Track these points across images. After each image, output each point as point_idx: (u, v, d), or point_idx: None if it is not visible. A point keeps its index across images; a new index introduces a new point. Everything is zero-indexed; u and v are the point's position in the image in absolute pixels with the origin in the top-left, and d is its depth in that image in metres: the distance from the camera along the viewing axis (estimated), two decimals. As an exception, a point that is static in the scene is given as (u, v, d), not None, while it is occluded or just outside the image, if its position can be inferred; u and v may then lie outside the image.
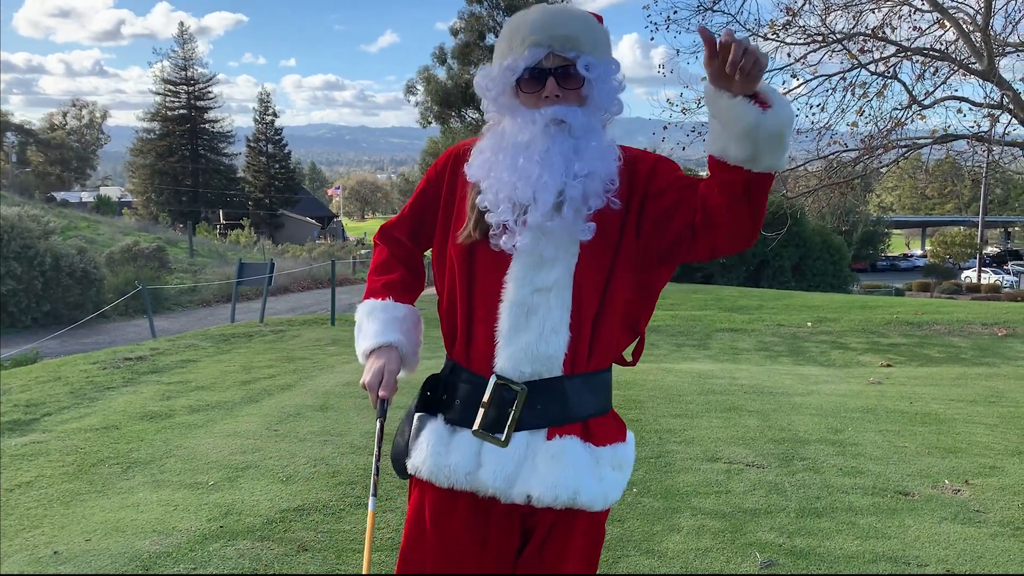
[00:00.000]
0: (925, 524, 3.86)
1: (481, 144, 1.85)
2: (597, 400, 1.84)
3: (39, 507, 4.13)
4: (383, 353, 1.87)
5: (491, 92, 1.81)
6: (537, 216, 1.71)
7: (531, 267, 1.75)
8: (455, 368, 1.87)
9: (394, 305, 1.94)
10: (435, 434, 1.84)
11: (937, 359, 10.35)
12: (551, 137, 1.75)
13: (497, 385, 1.77)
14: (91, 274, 22.75)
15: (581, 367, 1.79)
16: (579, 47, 1.75)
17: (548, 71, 1.75)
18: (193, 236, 37.58)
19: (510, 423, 1.75)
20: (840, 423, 5.77)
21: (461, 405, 1.82)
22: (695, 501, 4.14)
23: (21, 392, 7.11)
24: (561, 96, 1.76)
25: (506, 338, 1.76)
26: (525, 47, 1.75)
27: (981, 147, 11.04)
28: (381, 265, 2.02)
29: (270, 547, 3.56)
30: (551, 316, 1.75)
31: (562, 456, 1.76)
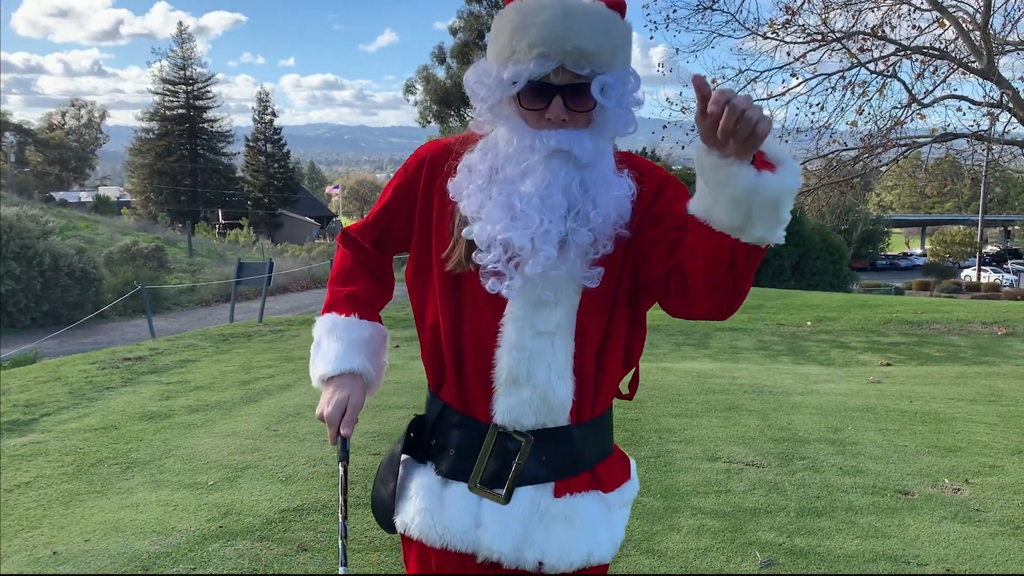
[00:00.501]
0: (925, 523, 3.85)
1: (471, 160, 1.58)
2: (603, 443, 1.67)
3: (38, 507, 4.13)
4: (346, 383, 1.65)
5: (486, 100, 1.54)
6: (535, 267, 1.48)
7: (531, 308, 1.54)
8: (445, 410, 1.64)
9: (358, 323, 1.71)
10: (425, 487, 1.62)
11: (937, 358, 10.35)
12: (553, 171, 1.50)
13: (499, 435, 1.57)
14: (90, 274, 22.75)
15: (587, 414, 1.60)
16: (595, 62, 1.47)
17: (556, 88, 1.48)
18: (192, 236, 37.59)
19: (512, 477, 1.55)
20: (840, 422, 5.77)
21: (455, 455, 1.60)
22: (695, 501, 4.13)
23: (20, 392, 7.10)
24: (568, 120, 1.50)
25: (506, 387, 1.55)
26: (531, 56, 1.46)
27: (981, 146, 11.05)
28: (344, 272, 1.79)
29: (269, 547, 3.55)
30: (556, 362, 1.55)
31: (575, 517, 1.57)
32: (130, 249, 27.62)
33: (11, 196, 37.40)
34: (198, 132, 59.88)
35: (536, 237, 1.48)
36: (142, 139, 59.64)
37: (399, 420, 5.52)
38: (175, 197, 57.76)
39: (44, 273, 21.44)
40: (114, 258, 26.61)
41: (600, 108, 1.51)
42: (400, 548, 3.64)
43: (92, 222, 36.60)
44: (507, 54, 1.50)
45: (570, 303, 1.55)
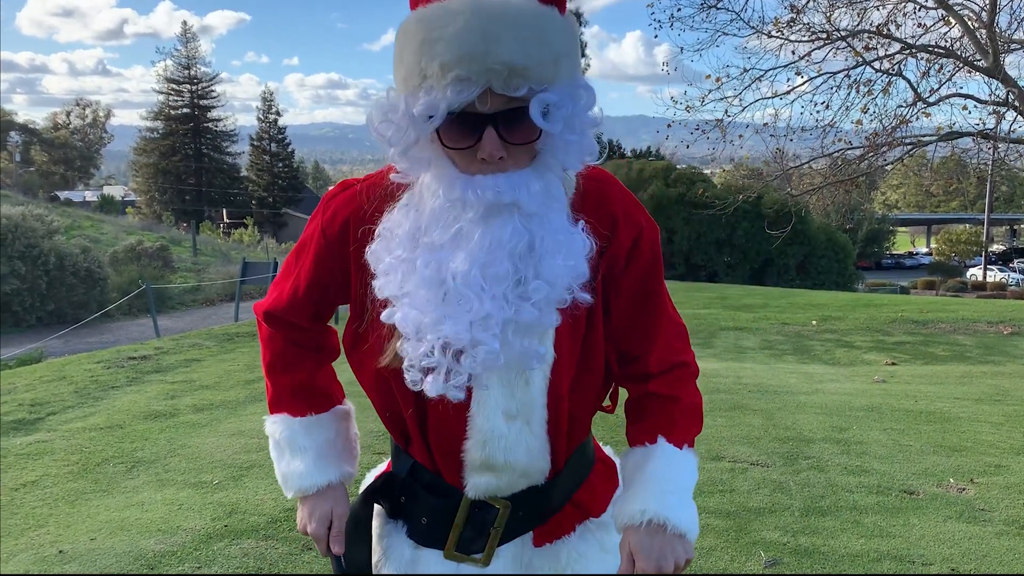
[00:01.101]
0: (930, 523, 3.85)
1: (390, 223, 1.27)
2: (581, 469, 1.50)
3: (44, 506, 4.14)
4: (326, 495, 1.46)
5: (397, 144, 1.21)
6: (473, 366, 1.22)
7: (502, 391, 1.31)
8: (415, 468, 1.44)
9: (318, 422, 1.49)
10: (396, 551, 1.45)
11: (942, 357, 10.32)
12: (493, 233, 1.19)
13: (474, 504, 1.39)
14: (95, 273, 22.82)
15: (562, 464, 1.43)
16: (531, 78, 1.14)
17: (485, 118, 1.15)
18: (197, 235, 37.67)
19: (491, 542, 1.40)
20: (845, 422, 5.76)
21: (427, 523, 1.42)
22: (699, 500, 4.12)
23: (26, 391, 7.12)
24: (507, 157, 1.18)
25: (479, 469, 1.36)
26: (446, 80, 1.12)
27: (987, 144, 11.02)
28: (279, 358, 1.49)
29: (274, 546, 3.56)
30: (534, 443, 1.35)
31: (558, 564, 1.44)
32: (135, 248, 27.69)
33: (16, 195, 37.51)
34: (202, 131, 59.97)
35: (474, 325, 1.20)
36: (146, 138, 59.75)
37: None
38: (179, 196, 57.87)
39: (49, 272, 21.51)
40: (119, 257, 26.68)
41: (546, 136, 1.19)
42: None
43: (97, 221, 36.70)
44: (416, 80, 1.16)
45: (542, 375, 1.31)
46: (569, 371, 1.35)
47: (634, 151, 42.86)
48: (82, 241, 25.73)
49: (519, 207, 1.19)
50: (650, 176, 33.39)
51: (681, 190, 32.38)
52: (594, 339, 1.37)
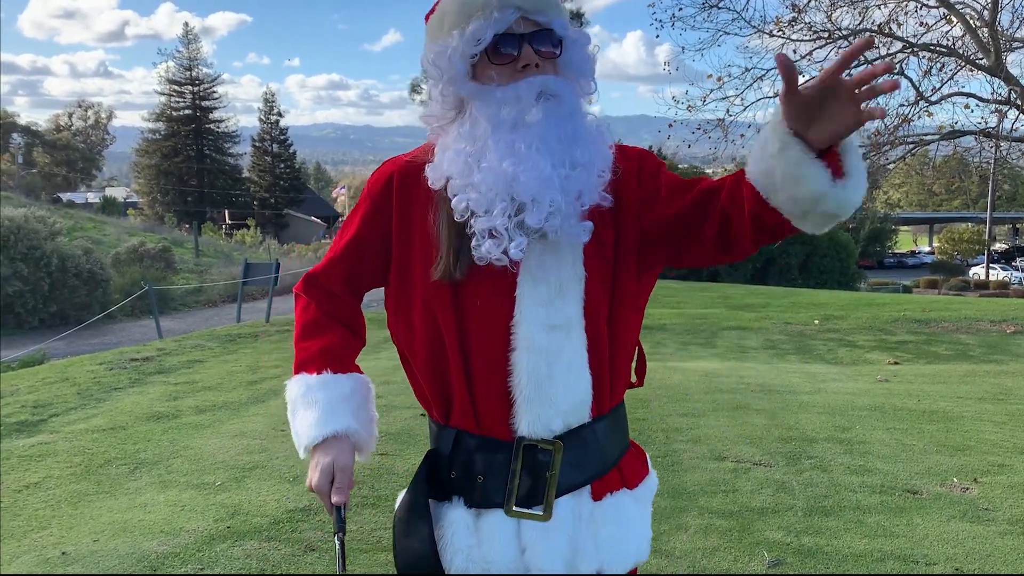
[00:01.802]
0: (933, 522, 3.84)
1: (445, 141, 1.49)
2: (623, 437, 1.59)
3: (47, 508, 4.14)
4: (331, 446, 1.49)
5: (448, 71, 1.46)
6: (535, 218, 1.39)
7: (543, 302, 1.44)
8: (460, 437, 1.50)
9: (334, 379, 1.54)
10: (459, 524, 1.48)
11: (945, 356, 10.31)
12: (547, 114, 1.43)
13: (527, 447, 1.45)
14: (97, 275, 22.85)
15: (605, 406, 1.52)
16: (550, 10, 1.48)
17: (522, 36, 1.45)
18: (199, 236, 37.72)
19: (549, 491, 1.44)
20: (848, 421, 5.75)
21: (483, 482, 1.47)
22: (702, 500, 4.13)
23: (29, 393, 7.13)
24: (540, 66, 1.45)
25: (528, 395, 1.43)
26: (488, 11, 1.43)
27: (989, 143, 11.01)
28: (309, 326, 1.60)
29: (277, 547, 3.56)
30: (574, 358, 1.45)
31: (620, 518, 1.51)
32: (137, 250, 27.72)
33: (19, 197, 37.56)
34: (204, 133, 59.99)
35: (541, 181, 1.39)
36: (148, 140, 59.77)
37: (405, 421, 5.53)
38: (181, 198, 57.91)
39: (52, 274, 21.53)
40: (121, 259, 26.71)
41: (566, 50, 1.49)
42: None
43: (99, 223, 36.73)
44: (463, 22, 1.46)
45: (576, 292, 1.46)
46: (603, 291, 1.49)
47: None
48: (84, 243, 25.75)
49: (561, 99, 1.45)
50: (652, 176, 33.35)
51: (683, 190, 32.35)
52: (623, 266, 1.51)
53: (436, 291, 1.46)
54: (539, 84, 1.43)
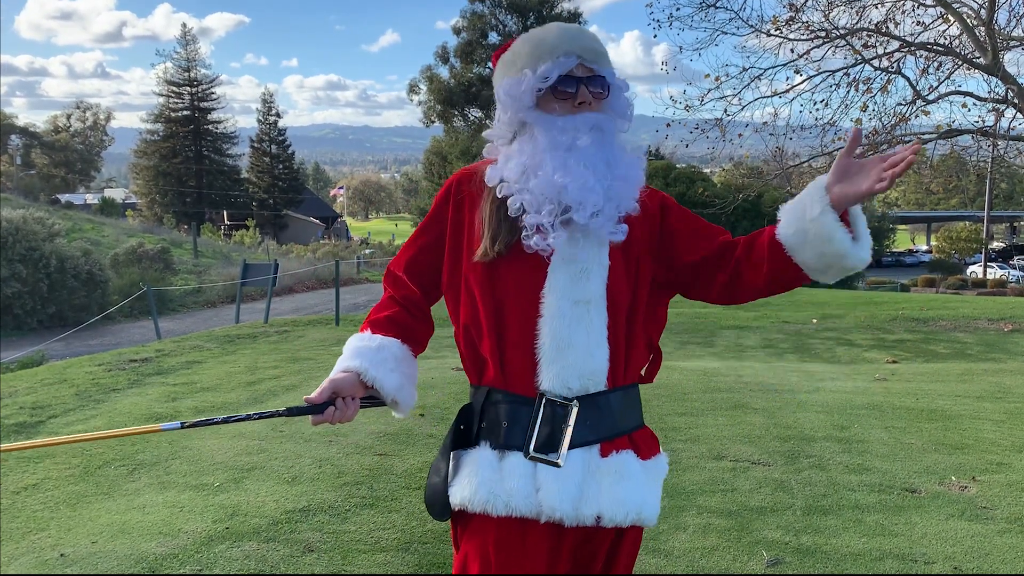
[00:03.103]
0: (932, 521, 3.84)
1: (508, 151, 1.82)
2: (636, 413, 1.84)
3: (45, 509, 4.14)
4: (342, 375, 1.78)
5: (518, 101, 1.80)
6: (582, 216, 1.71)
7: (570, 279, 1.73)
8: (491, 393, 1.77)
9: (370, 336, 1.84)
10: (484, 462, 1.73)
11: (943, 355, 10.32)
12: (596, 142, 1.76)
13: (548, 402, 1.71)
14: (96, 276, 22.82)
15: (620, 380, 1.78)
16: (602, 61, 1.80)
17: (579, 79, 1.78)
18: (197, 237, 37.66)
19: (564, 441, 1.70)
20: (846, 420, 5.76)
21: (507, 428, 1.73)
22: (701, 499, 4.13)
23: (27, 394, 7.13)
24: (591, 104, 1.78)
25: (550, 355, 1.72)
26: (555, 56, 1.77)
27: (986, 142, 11.01)
28: (376, 307, 1.93)
29: (276, 548, 3.56)
30: (593, 329, 1.73)
31: (624, 472, 1.73)
32: (136, 251, 27.69)
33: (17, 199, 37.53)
34: (203, 133, 60.00)
35: (584, 189, 1.71)
36: (147, 141, 59.77)
37: (404, 421, 5.53)
38: (180, 199, 57.89)
39: (50, 275, 21.51)
40: (120, 260, 26.69)
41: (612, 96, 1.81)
42: (403, 549, 3.63)
43: (98, 224, 36.70)
44: (534, 65, 1.78)
45: (600, 273, 1.74)
46: (626, 281, 1.78)
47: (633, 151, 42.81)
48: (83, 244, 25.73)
49: (604, 134, 1.78)
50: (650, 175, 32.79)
51: (681, 189, 32.34)
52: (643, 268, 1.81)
53: (476, 271, 1.76)
54: (593, 119, 1.76)
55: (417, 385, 1.88)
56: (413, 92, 46.52)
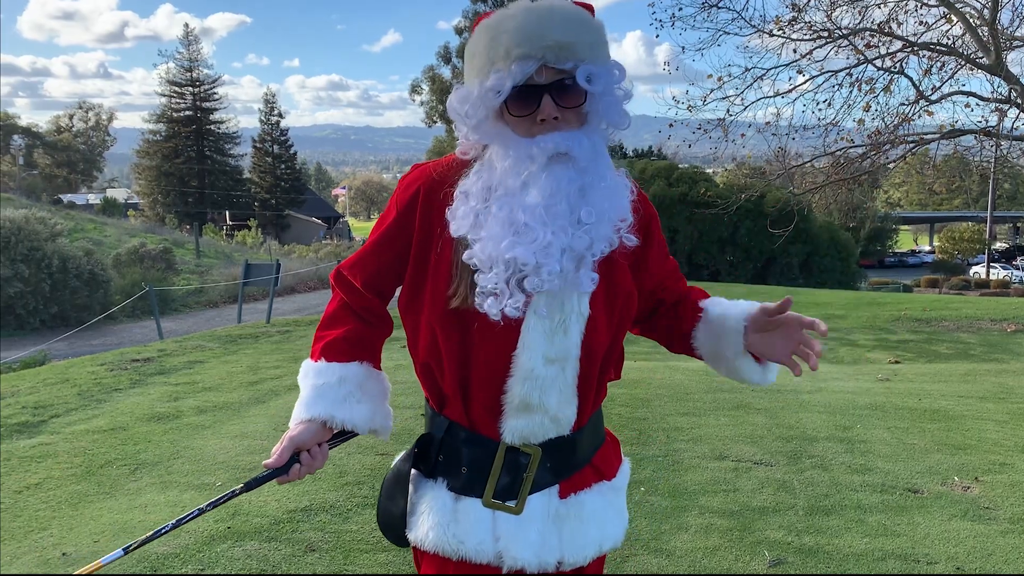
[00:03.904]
0: (935, 521, 3.84)
1: (466, 184, 1.54)
2: (598, 434, 1.72)
3: (47, 509, 4.14)
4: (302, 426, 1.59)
5: (471, 119, 1.52)
6: (537, 284, 1.48)
7: (545, 337, 1.53)
8: (452, 428, 1.62)
9: (327, 367, 1.63)
10: (438, 502, 1.61)
11: (946, 355, 10.31)
12: (555, 178, 1.48)
13: (507, 451, 1.58)
14: (98, 276, 22.85)
15: (586, 419, 1.65)
16: (576, 55, 1.46)
17: (542, 88, 1.46)
18: (199, 237, 37.71)
19: (524, 488, 1.58)
20: (848, 420, 5.74)
21: (467, 472, 1.60)
22: (703, 500, 4.12)
23: (29, 394, 7.13)
24: (560, 117, 1.48)
25: (516, 411, 1.56)
26: (511, 61, 1.45)
27: (989, 142, 10.99)
28: (329, 319, 1.71)
29: (277, 548, 3.56)
30: (566, 387, 1.57)
31: (583, 513, 1.63)
32: (138, 251, 27.72)
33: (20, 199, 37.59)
34: (205, 134, 60.04)
35: (538, 252, 1.46)
36: (149, 141, 59.81)
37: (406, 420, 5.52)
38: (182, 199, 57.94)
39: (53, 275, 21.54)
40: (122, 260, 26.72)
41: (591, 102, 1.50)
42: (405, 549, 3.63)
43: (100, 224, 36.74)
44: (487, 68, 1.49)
45: (578, 328, 1.55)
46: (605, 329, 1.59)
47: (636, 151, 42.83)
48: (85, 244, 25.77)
49: (573, 158, 1.48)
50: (652, 176, 33.35)
51: (683, 189, 32.34)
52: (629, 307, 1.64)
53: (443, 315, 1.54)
54: (553, 145, 1.47)
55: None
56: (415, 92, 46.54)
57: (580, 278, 1.51)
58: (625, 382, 6.87)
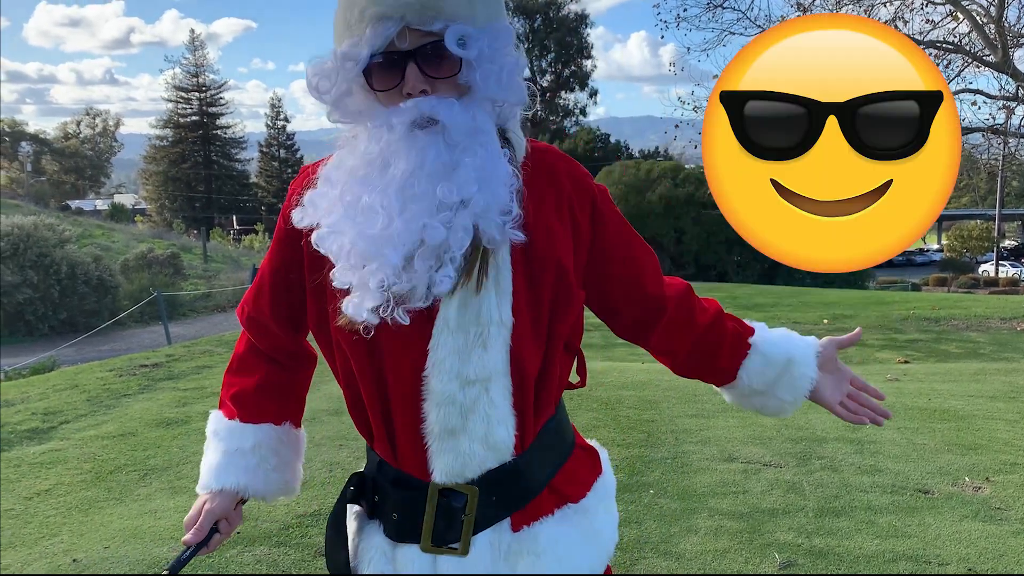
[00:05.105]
0: (945, 522, 3.82)
1: (327, 169, 1.33)
2: (556, 452, 1.45)
3: (58, 515, 4.16)
4: (215, 495, 1.47)
5: (328, 94, 1.29)
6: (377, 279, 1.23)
7: (457, 354, 1.29)
8: (382, 466, 1.42)
9: (241, 430, 1.49)
10: (375, 551, 1.41)
11: (955, 355, 10.26)
12: (417, 149, 1.23)
13: (439, 493, 1.34)
14: (106, 281, 22.95)
15: (530, 438, 1.38)
16: (446, 14, 1.21)
17: (406, 55, 1.23)
18: (207, 242, 37.80)
19: (465, 531, 1.35)
20: (858, 421, 5.72)
21: (399, 518, 1.38)
22: (712, 502, 4.11)
23: (39, 400, 7.16)
24: (430, 90, 1.24)
25: (439, 443, 1.33)
26: (365, 23, 1.21)
27: (997, 139, 10.96)
28: (238, 362, 1.53)
29: (287, 552, 3.56)
30: (493, 410, 1.32)
31: (539, 547, 1.38)
32: (146, 256, 27.83)
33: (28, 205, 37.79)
34: (211, 139, 60.26)
35: (379, 240, 1.23)
36: (156, 146, 60.08)
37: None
38: (189, 204, 58.15)
39: (61, 281, 21.64)
40: (130, 265, 26.82)
41: (468, 67, 1.24)
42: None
43: (108, 230, 36.90)
44: (343, 35, 1.27)
45: (502, 341, 1.30)
46: (533, 338, 1.34)
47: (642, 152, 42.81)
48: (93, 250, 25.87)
49: (444, 127, 1.23)
50: (658, 176, 33.34)
51: (690, 190, 32.31)
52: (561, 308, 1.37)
53: (347, 335, 1.32)
54: (414, 110, 1.23)
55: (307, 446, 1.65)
56: (421, 95, 46.54)
57: (437, 278, 1.25)
58: (633, 384, 6.86)
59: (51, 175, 67.08)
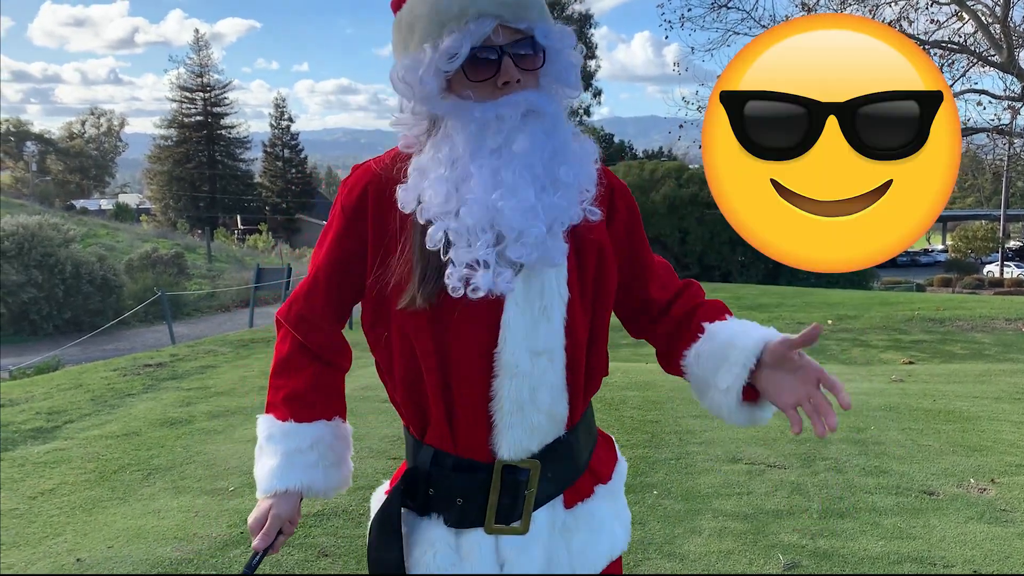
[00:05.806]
0: (951, 524, 3.80)
1: (420, 161, 1.40)
2: (591, 433, 1.58)
3: (61, 514, 4.16)
4: (279, 497, 1.50)
5: (426, 86, 1.35)
6: (519, 252, 1.33)
7: (528, 326, 1.39)
8: (438, 456, 1.46)
9: (297, 430, 1.51)
10: (440, 542, 1.46)
11: (960, 356, 10.24)
12: (531, 137, 1.35)
13: (504, 470, 1.43)
14: (111, 281, 22.98)
15: (578, 416, 1.51)
16: (531, 15, 1.36)
17: (501, 49, 1.34)
18: (211, 242, 37.83)
19: (527, 506, 1.44)
20: (862, 422, 5.71)
21: (462, 503, 1.44)
22: (716, 503, 4.10)
23: (43, 400, 7.17)
24: (522, 81, 1.35)
25: (508, 420, 1.41)
26: (466, 19, 1.32)
27: (1002, 140, 10.94)
28: (283, 363, 1.55)
29: (290, 553, 3.56)
30: (556, 382, 1.43)
31: (591, 523, 1.51)
32: (150, 256, 27.86)
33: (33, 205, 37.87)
34: (216, 138, 60.31)
35: (526, 212, 1.32)
36: (160, 146, 60.14)
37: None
38: (194, 203, 58.21)
39: (66, 281, 21.67)
40: (134, 265, 26.85)
41: (547, 64, 1.39)
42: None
43: (112, 229, 36.95)
44: (437, 31, 1.34)
45: (560, 315, 1.41)
46: (583, 312, 1.45)
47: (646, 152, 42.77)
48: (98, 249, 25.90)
49: (545, 115, 1.37)
50: (662, 176, 33.30)
51: (694, 190, 32.27)
52: (603, 284, 1.49)
53: (412, 317, 1.38)
54: (524, 102, 1.34)
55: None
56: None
57: (553, 249, 1.36)
58: (637, 384, 6.85)
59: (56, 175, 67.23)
